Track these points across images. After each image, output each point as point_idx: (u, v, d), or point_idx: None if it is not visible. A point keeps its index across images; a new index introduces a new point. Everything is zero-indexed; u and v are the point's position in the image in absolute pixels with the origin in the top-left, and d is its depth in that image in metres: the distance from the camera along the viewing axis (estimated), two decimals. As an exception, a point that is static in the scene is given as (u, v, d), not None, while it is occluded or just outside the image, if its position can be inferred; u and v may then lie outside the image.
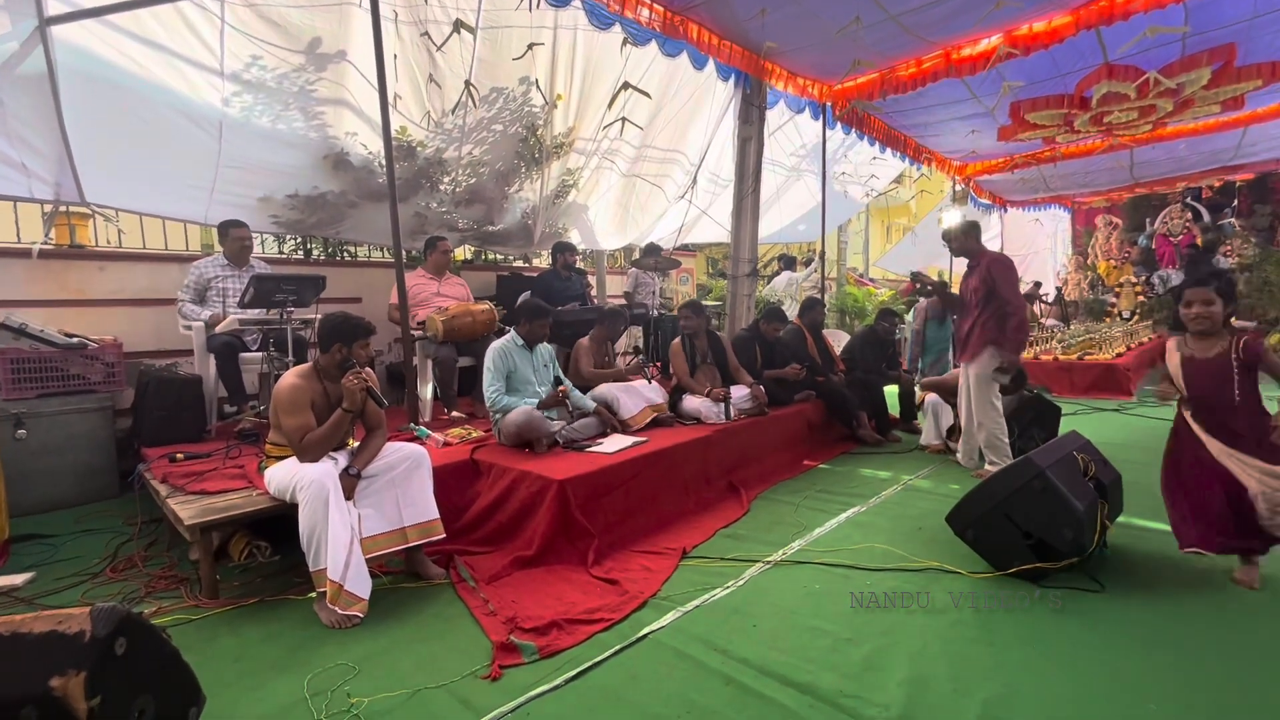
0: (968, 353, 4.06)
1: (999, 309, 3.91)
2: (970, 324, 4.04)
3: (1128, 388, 7.05)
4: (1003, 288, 3.90)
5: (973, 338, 4.01)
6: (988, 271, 3.96)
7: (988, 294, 3.94)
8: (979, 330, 3.98)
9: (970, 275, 4.11)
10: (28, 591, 2.67)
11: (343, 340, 2.63)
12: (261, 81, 4.14)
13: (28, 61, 3.47)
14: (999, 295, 3.90)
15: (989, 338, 3.93)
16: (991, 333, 3.92)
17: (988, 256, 4.07)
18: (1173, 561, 2.75)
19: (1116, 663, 2.03)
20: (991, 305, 3.93)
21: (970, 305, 4.07)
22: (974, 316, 4.01)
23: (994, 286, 3.91)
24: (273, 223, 4.95)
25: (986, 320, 3.95)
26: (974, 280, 4.05)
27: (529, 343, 3.74)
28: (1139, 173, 10.56)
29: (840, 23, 4.89)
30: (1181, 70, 5.89)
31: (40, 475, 3.68)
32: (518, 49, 4.68)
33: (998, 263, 4.01)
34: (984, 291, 3.95)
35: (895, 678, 1.97)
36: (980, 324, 3.97)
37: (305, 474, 2.45)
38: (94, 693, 1.32)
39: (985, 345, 3.94)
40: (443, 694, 1.93)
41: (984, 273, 3.97)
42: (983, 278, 3.97)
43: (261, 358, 3.98)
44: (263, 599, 2.57)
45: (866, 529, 3.26)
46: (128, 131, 3.93)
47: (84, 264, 4.43)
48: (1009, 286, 3.93)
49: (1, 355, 3.64)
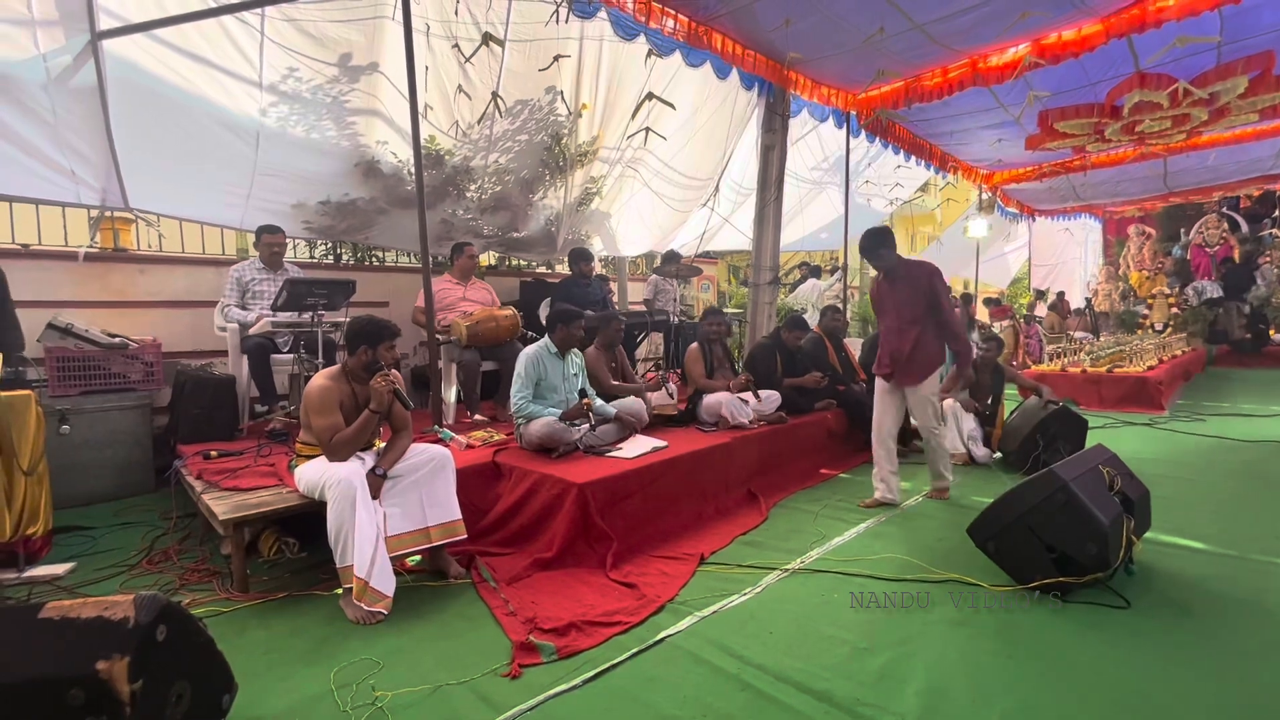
0: (913, 375, 3.68)
1: (940, 327, 3.64)
2: (912, 342, 3.64)
3: (1160, 402, 6.88)
4: (945, 301, 3.63)
5: (916, 358, 3.65)
6: (929, 284, 3.62)
7: (929, 308, 3.63)
8: (924, 348, 3.65)
9: (895, 286, 3.73)
10: (69, 581, 2.78)
11: (369, 343, 2.70)
12: (297, 93, 4.28)
13: (80, 74, 3.64)
14: (942, 311, 3.61)
15: (938, 360, 3.69)
16: (939, 351, 3.68)
17: (925, 267, 3.71)
18: (1202, 580, 2.69)
19: (1140, 681, 2.00)
20: (933, 321, 3.64)
21: (901, 320, 3.69)
22: (914, 334, 3.64)
23: (936, 300, 3.60)
24: (305, 228, 5.10)
25: (929, 339, 3.65)
26: (905, 291, 3.68)
27: (562, 349, 3.76)
28: (1173, 182, 10.34)
29: (865, 32, 4.90)
30: (1217, 79, 5.78)
31: (82, 469, 3.83)
32: (544, 60, 4.77)
33: (938, 275, 3.68)
34: (924, 305, 3.63)
35: (912, 687, 1.96)
36: (923, 341, 3.64)
37: (334, 473, 2.52)
38: (136, 676, 1.39)
39: (935, 366, 3.67)
40: (464, 690, 1.97)
41: (924, 284, 3.62)
42: (921, 290, 3.62)
43: (292, 359, 4.09)
44: (291, 594, 2.65)
45: (886, 539, 3.24)
46: (171, 140, 4.10)
47: (125, 267, 4.61)
48: (949, 300, 3.68)
49: (49, 354, 3.80)
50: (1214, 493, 3.96)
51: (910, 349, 3.64)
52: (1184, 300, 12.03)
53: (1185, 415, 6.57)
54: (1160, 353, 8.66)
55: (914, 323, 3.64)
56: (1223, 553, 3.00)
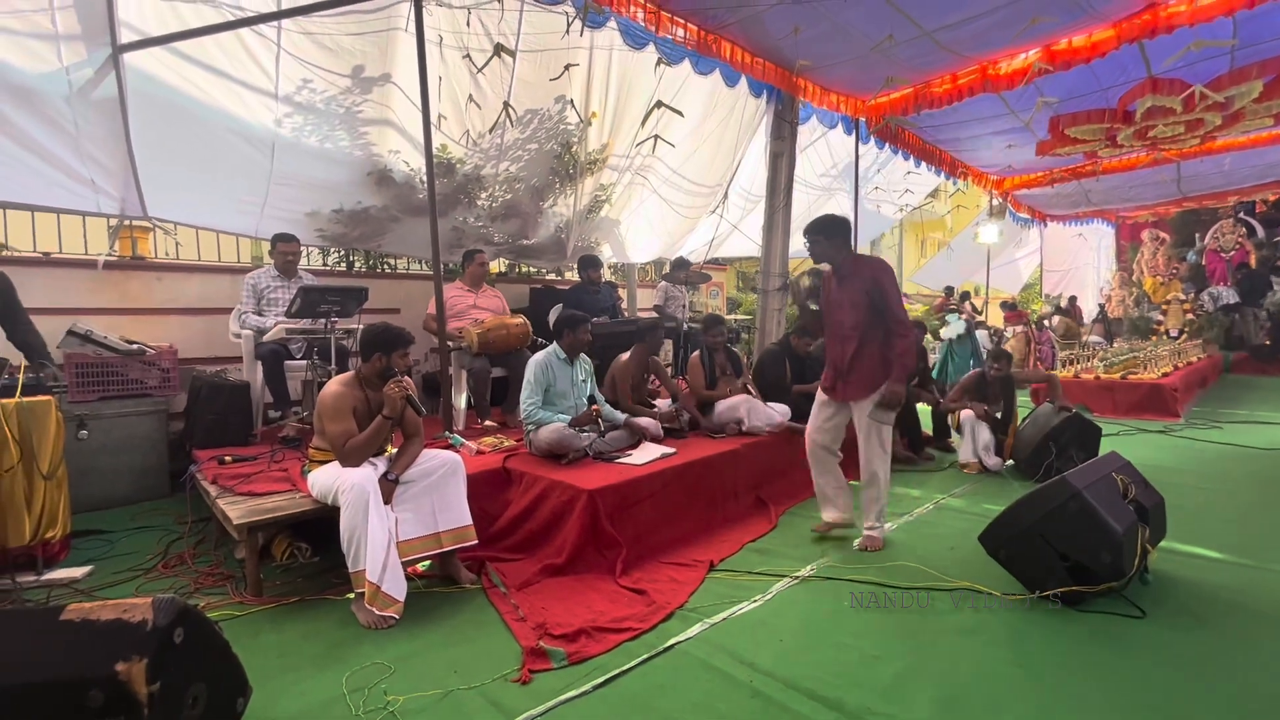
0: (855, 388, 3.18)
1: (887, 330, 3.12)
2: (854, 350, 3.17)
3: (1175, 409, 6.80)
4: (893, 302, 3.11)
5: (862, 368, 3.16)
6: (875, 282, 3.12)
7: (873, 310, 3.13)
8: (870, 358, 3.15)
9: (843, 286, 3.22)
10: (87, 584, 2.83)
11: (383, 350, 2.74)
12: (311, 103, 4.35)
13: (101, 87, 3.72)
14: (889, 311, 3.11)
15: (886, 369, 3.12)
16: (885, 362, 3.14)
17: (870, 262, 3.25)
18: (1218, 590, 2.66)
19: (1155, 692, 1.98)
20: (879, 325, 3.13)
21: (844, 325, 3.21)
22: (857, 340, 3.16)
23: (884, 300, 3.11)
24: (319, 236, 5.16)
25: (875, 347, 3.15)
26: (851, 293, 3.18)
27: (570, 355, 3.78)
28: (1187, 187, 10.25)
29: (873, 39, 4.91)
30: (1231, 83, 5.74)
31: (99, 474, 3.89)
32: (554, 70, 4.81)
33: (886, 270, 3.20)
34: (867, 306, 3.13)
35: (925, 696, 1.95)
36: (867, 350, 3.15)
37: (347, 478, 2.55)
38: (154, 678, 1.41)
39: (881, 381, 3.12)
40: (474, 695, 1.98)
41: (869, 283, 3.12)
42: (866, 289, 3.12)
43: (305, 365, 4.14)
44: (303, 598, 2.67)
45: (897, 547, 3.22)
46: (188, 150, 4.17)
47: (143, 274, 4.69)
48: (899, 300, 3.16)
49: (69, 360, 3.86)
50: (1231, 501, 3.91)
51: (850, 358, 3.18)
52: (1199, 306, 11.90)
53: (1202, 422, 6.49)
54: (1175, 359, 8.56)
55: (856, 328, 3.16)
56: (1240, 562, 2.96)
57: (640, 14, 4.47)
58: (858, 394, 3.19)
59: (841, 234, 3.20)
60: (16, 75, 3.49)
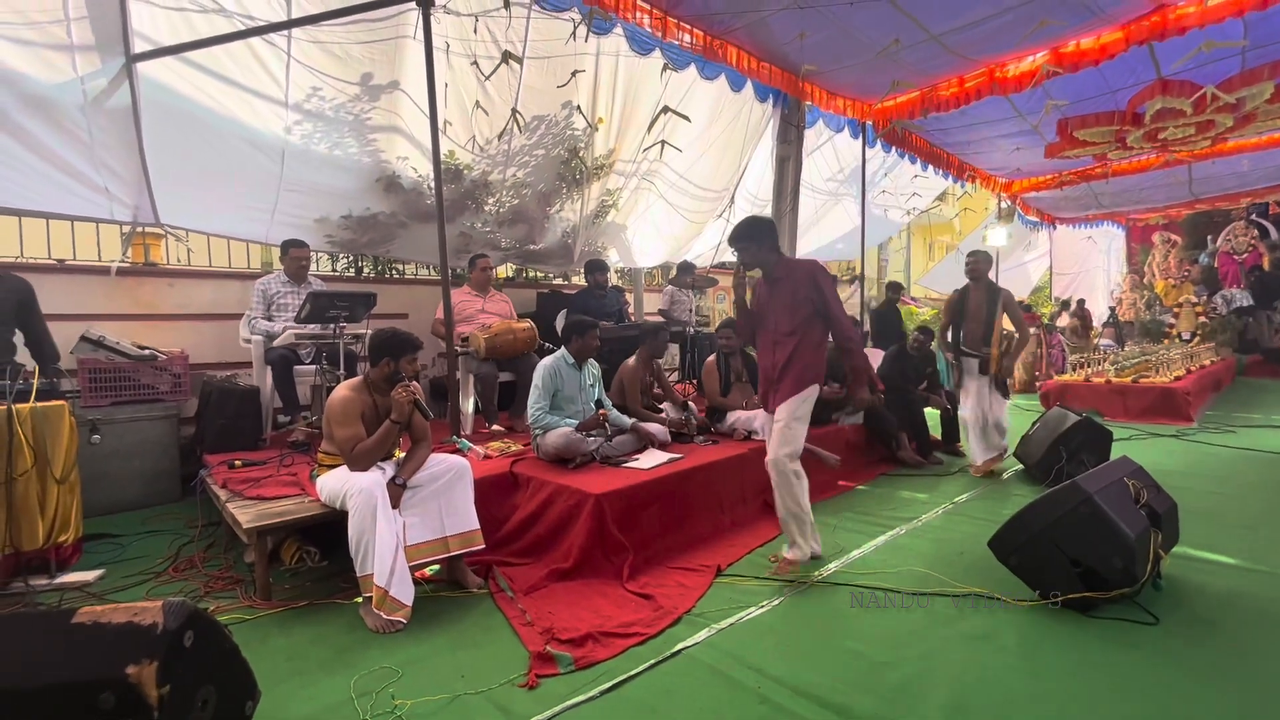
0: (780, 392, 2.96)
1: (821, 336, 2.96)
2: (786, 357, 2.95)
3: (1188, 413, 6.72)
4: (834, 306, 2.92)
5: (790, 374, 2.93)
6: (812, 284, 2.93)
7: (810, 314, 2.95)
8: (797, 364, 2.93)
9: (775, 290, 3.02)
10: (98, 587, 2.85)
11: (392, 355, 2.75)
12: (321, 111, 4.39)
13: (115, 96, 3.78)
14: (831, 317, 2.93)
15: (815, 374, 2.94)
16: (818, 367, 2.95)
17: (803, 264, 3.02)
18: (1233, 596, 2.62)
19: (1168, 700, 1.95)
20: (814, 330, 2.96)
21: (777, 331, 3.00)
22: (789, 348, 2.95)
23: (824, 304, 2.92)
24: (328, 242, 5.20)
25: (807, 353, 2.94)
26: (783, 295, 2.98)
27: (579, 360, 3.78)
28: (1198, 189, 10.18)
29: (880, 43, 4.91)
30: (1242, 85, 5.70)
31: (111, 478, 3.93)
32: (562, 76, 4.84)
33: (822, 271, 2.98)
34: (806, 312, 2.94)
35: (934, 703, 1.93)
36: (798, 355, 2.93)
37: (355, 483, 2.56)
38: (165, 681, 1.42)
39: (809, 383, 2.93)
40: (481, 700, 1.99)
41: (805, 286, 2.93)
42: (805, 293, 2.93)
43: (314, 370, 4.17)
44: (312, 602, 2.68)
45: (906, 552, 3.20)
46: (200, 158, 4.22)
47: (155, 281, 4.74)
48: (839, 304, 2.96)
49: (82, 365, 3.91)
50: (1245, 506, 3.85)
51: (783, 366, 2.95)
52: (1212, 309, 11.78)
53: (1215, 426, 6.41)
54: (1188, 362, 8.47)
55: (791, 334, 2.94)
56: (1254, 568, 2.92)
57: (646, 20, 4.49)
58: (780, 398, 2.96)
59: (769, 236, 3.01)
60: (33, 85, 3.55)
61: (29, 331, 3.41)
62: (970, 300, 4.71)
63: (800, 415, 2.94)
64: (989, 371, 4.58)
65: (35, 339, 3.41)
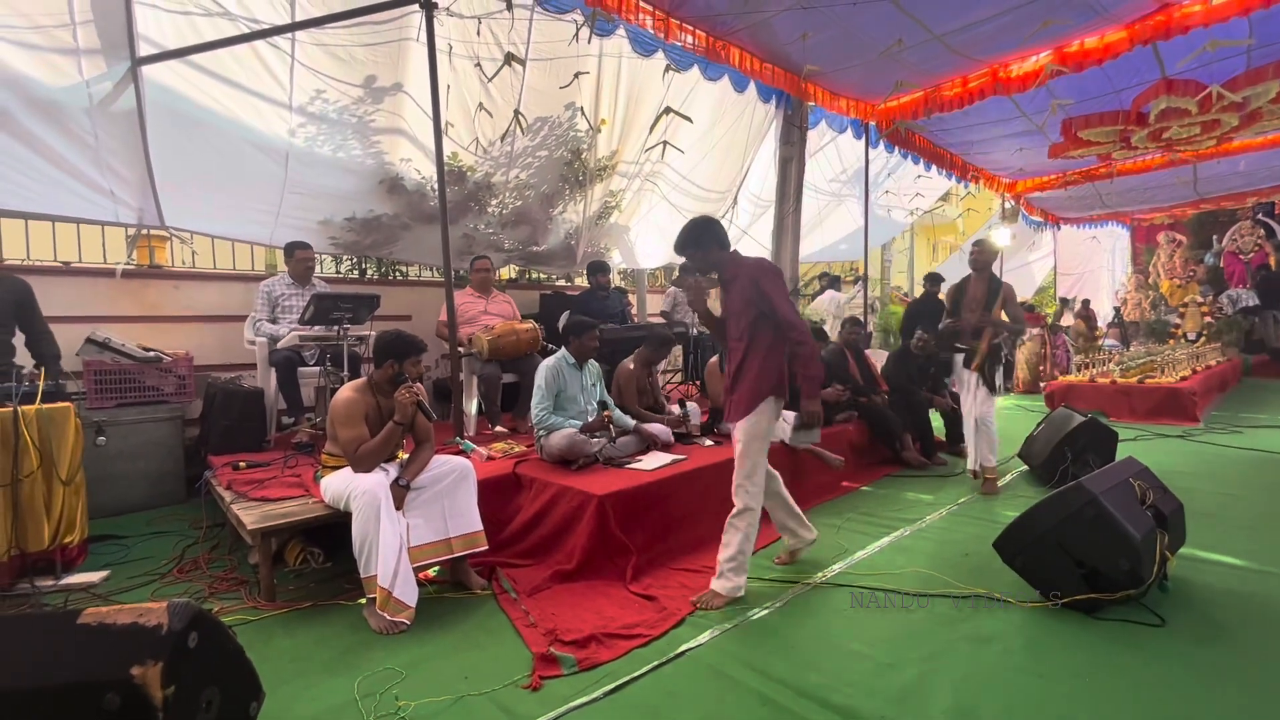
0: (738, 408, 2.71)
1: (774, 340, 2.68)
2: (736, 367, 2.74)
3: (1194, 413, 6.69)
4: (781, 306, 2.64)
5: (742, 385, 2.70)
6: (755, 286, 2.66)
7: (757, 318, 2.68)
8: (749, 373, 2.69)
9: (728, 292, 2.80)
10: (104, 589, 2.86)
11: (396, 357, 2.75)
12: (324, 113, 4.41)
13: (120, 99, 3.80)
14: (779, 318, 2.65)
15: (769, 384, 2.68)
16: (771, 377, 2.69)
17: (748, 263, 2.76)
18: (1240, 597, 2.60)
19: (1175, 702, 1.94)
20: (763, 335, 2.68)
21: (733, 336, 2.77)
22: (741, 353, 2.71)
23: (770, 306, 2.65)
24: (331, 244, 5.22)
25: (757, 361, 2.68)
26: (734, 298, 2.76)
27: (579, 360, 3.80)
28: (1204, 188, 10.15)
29: (882, 44, 4.91)
30: (1247, 83, 5.68)
31: (116, 480, 3.94)
32: (564, 78, 4.86)
33: (766, 272, 2.72)
34: (752, 315, 2.68)
35: (938, 705, 1.92)
36: (749, 363, 2.69)
37: (359, 484, 2.57)
38: (169, 682, 1.42)
39: (764, 395, 2.67)
40: (485, 701, 1.98)
41: (750, 287, 2.67)
42: (750, 294, 2.67)
43: (318, 372, 4.18)
44: (316, 603, 2.69)
45: (910, 553, 3.19)
46: (204, 160, 4.24)
47: (160, 283, 4.76)
48: (787, 304, 2.67)
49: (87, 367, 3.93)
50: (1252, 507, 3.83)
51: (734, 377, 2.75)
52: (1218, 309, 11.72)
53: (1221, 427, 6.37)
54: (1194, 363, 8.43)
55: (740, 339, 2.72)
56: (1262, 569, 2.90)
57: (649, 21, 4.50)
58: (735, 415, 2.72)
59: (710, 236, 2.77)
60: (39, 89, 3.57)
61: (29, 331, 3.42)
62: (969, 291, 4.51)
63: (759, 434, 2.68)
64: (972, 365, 4.35)
65: (35, 338, 3.42)
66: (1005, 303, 4.39)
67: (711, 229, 2.80)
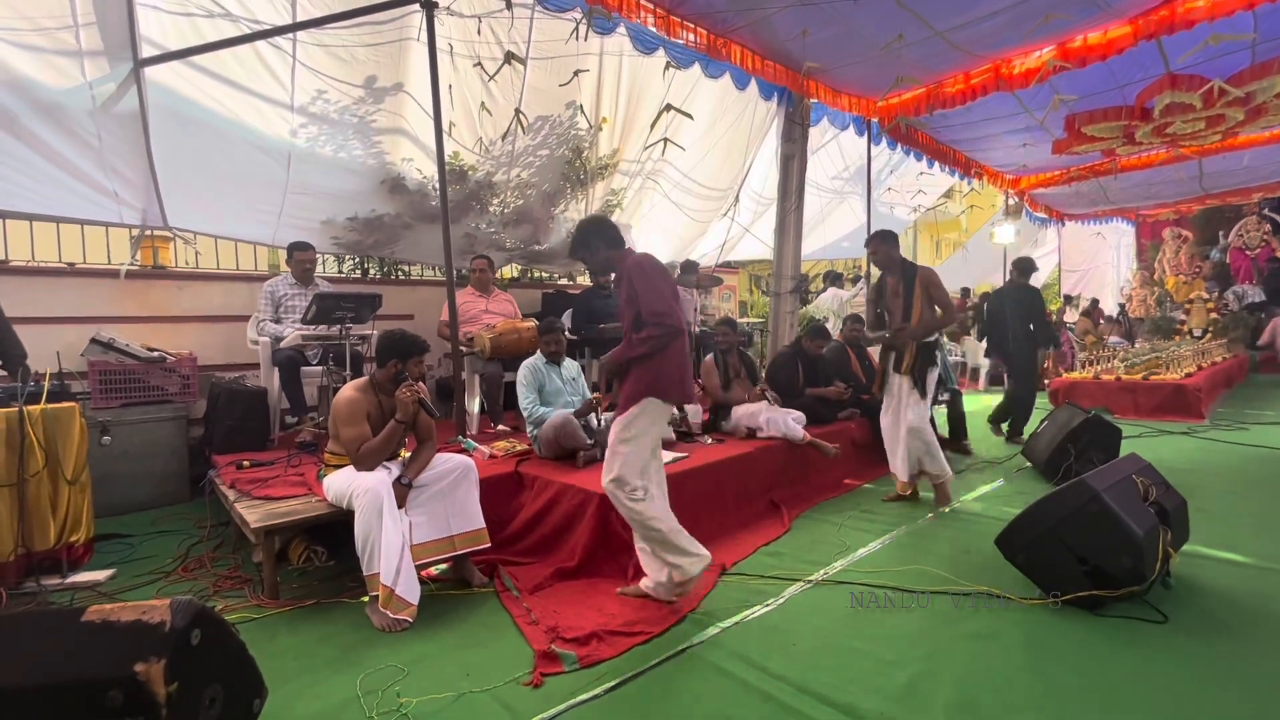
0: (620, 405, 2.61)
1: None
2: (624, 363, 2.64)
3: (1199, 410, 6.66)
4: (644, 300, 2.51)
5: (624, 384, 2.61)
6: (630, 283, 2.55)
7: (636, 314, 2.54)
8: (632, 372, 2.58)
9: (619, 292, 2.70)
10: (109, 587, 2.88)
11: (399, 356, 2.76)
12: (326, 114, 4.42)
13: (123, 101, 3.82)
14: (643, 309, 2.51)
15: (646, 383, 2.54)
16: (649, 376, 2.54)
17: (627, 263, 2.63)
18: (1243, 595, 2.59)
19: (1177, 700, 1.93)
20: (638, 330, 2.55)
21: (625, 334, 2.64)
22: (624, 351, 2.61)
23: (637, 301, 2.53)
24: (334, 244, 5.24)
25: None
26: (621, 298, 2.64)
27: (552, 359, 3.97)
28: (1209, 183, 10.08)
29: (883, 40, 4.89)
30: (1252, 78, 5.64)
31: (121, 479, 3.96)
32: (565, 76, 4.85)
33: (638, 268, 2.57)
34: (632, 314, 2.56)
35: (940, 702, 1.92)
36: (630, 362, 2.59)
37: (361, 482, 2.58)
38: (172, 679, 1.43)
39: (641, 395, 2.54)
40: (487, 698, 1.99)
41: (627, 286, 2.57)
42: (628, 294, 2.57)
43: (321, 371, 4.19)
44: (319, 601, 2.70)
45: (912, 550, 3.19)
46: (207, 161, 4.26)
47: (164, 283, 4.78)
48: (652, 296, 2.52)
49: (92, 367, 3.95)
50: (1257, 504, 3.81)
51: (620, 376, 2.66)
52: (1224, 305, 11.65)
53: (1226, 424, 6.35)
54: (1199, 359, 8.39)
55: (626, 336, 2.62)
56: (1265, 566, 2.89)
57: (650, 19, 4.50)
58: (623, 407, 2.58)
59: (597, 234, 2.67)
60: (42, 91, 3.59)
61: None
62: (887, 292, 3.98)
63: (629, 437, 2.53)
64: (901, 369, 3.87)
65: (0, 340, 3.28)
66: (928, 291, 3.83)
67: (600, 230, 2.70)
